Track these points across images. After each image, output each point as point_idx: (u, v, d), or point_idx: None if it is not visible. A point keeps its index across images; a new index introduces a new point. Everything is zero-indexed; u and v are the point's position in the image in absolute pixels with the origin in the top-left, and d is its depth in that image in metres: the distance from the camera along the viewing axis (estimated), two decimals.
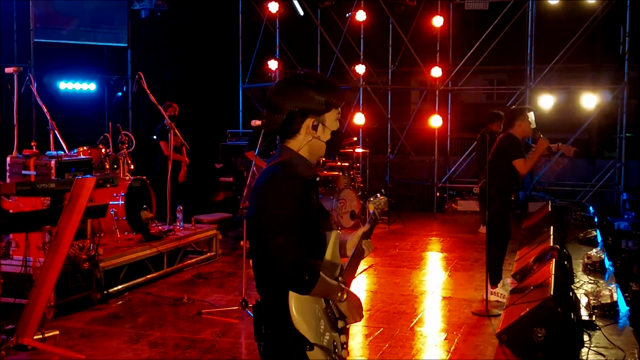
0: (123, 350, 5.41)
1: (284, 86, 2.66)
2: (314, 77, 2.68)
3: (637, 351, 5.31)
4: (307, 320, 2.54)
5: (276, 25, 14.20)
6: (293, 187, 2.54)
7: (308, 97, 2.62)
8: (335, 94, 2.68)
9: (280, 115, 2.63)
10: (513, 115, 6.87)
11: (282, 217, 2.50)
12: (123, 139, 8.51)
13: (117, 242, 7.65)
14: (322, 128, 2.68)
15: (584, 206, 12.54)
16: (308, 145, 2.68)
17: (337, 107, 2.71)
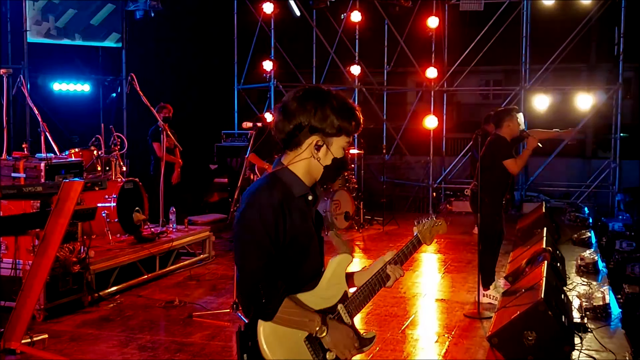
0: (112, 354, 5.38)
1: (303, 96, 2.54)
2: (337, 98, 2.56)
3: (629, 354, 5.29)
4: (276, 350, 2.40)
5: (271, 25, 14.18)
6: (267, 205, 2.42)
7: (323, 115, 2.51)
8: (352, 122, 2.57)
9: (290, 124, 2.52)
10: (501, 116, 6.87)
11: (251, 234, 2.40)
12: (115, 140, 8.48)
13: (108, 244, 7.61)
14: (325, 151, 2.56)
15: (578, 207, 12.52)
16: (306, 162, 2.56)
17: (349, 136, 2.59)
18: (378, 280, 2.67)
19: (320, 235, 2.67)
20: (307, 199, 2.58)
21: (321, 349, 2.49)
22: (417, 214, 13.58)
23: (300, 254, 2.52)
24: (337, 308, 2.58)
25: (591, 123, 16.15)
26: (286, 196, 2.48)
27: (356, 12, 14.34)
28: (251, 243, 2.40)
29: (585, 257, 8.09)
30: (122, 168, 8.50)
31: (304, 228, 2.53)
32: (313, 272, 2.57)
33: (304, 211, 2.55)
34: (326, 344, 2.49)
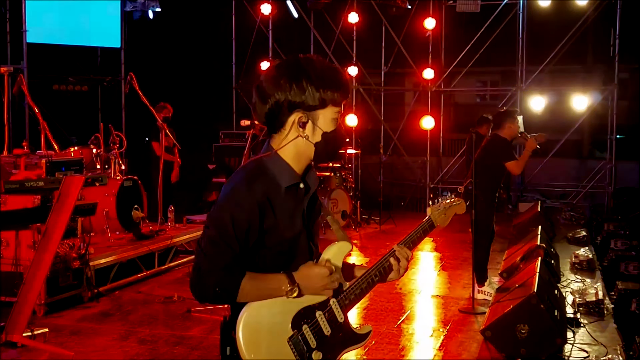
0: (112, 347, 5.46)
1: (276, 72, 2.29)
2: (312, 64, 2.29)
3: (620, 347, 5.38)
4: (253, 348, 2.21)
5: (269, 26, 14.27)
6: (243, 194, 2.22)
7: (299, 88, 2.24)
8: (335, 89, 2.29)
9: (265, 105, 2.28)
10: (503, 118, 6.96)
11: (218, 232, 2.20)
12: (114, 139, 8.57)
13: (108, 241, 7.70)
14: (312, 127, 2.30)
15: (574, 206, 12.63)
16: (293, 144, 2.30)
17: (336, 105, 2.33)
18: (379, 272, 2.44)
19: (313, 227, 2.45)
20: (298, 188, 2.36)
21: (306, 349, 2.28)
22: (414, 214, 13.68)
23: (284, 249, 2.32)
24: (329, 302, 2.36)
25: (587, 124, 16.26)
26: (270, 189, 2.26)
27: (354, 13, 14.43)
28: (215, 243, 2.20)
29: (579, 255, 8.20)
30: (121, 166, 8.59)
31: (290, 222, 2.32)
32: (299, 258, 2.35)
33: (292, 203, 2.33)
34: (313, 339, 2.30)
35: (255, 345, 2.22)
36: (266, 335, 2.24)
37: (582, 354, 5.24)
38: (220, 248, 2.19)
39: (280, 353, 2.24)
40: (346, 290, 2.40)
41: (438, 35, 14.90)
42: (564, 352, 5.25)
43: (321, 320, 2.34)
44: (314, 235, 2.45)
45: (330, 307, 2.36)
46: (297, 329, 2.28)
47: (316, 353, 2.30)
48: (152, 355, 5.30)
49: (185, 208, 10.68)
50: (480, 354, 5.37)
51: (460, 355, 5.39)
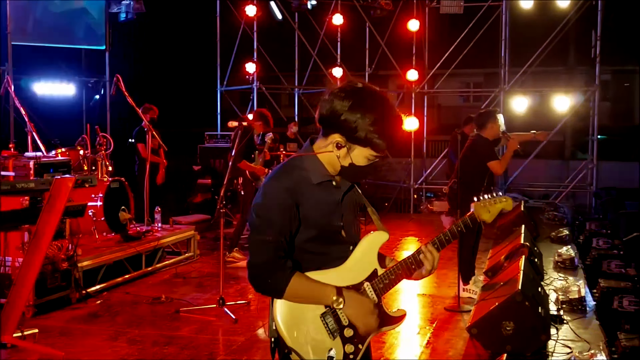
0: (102, 348, 5.49)
1: (354, 94, 2.42)
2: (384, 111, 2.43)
3: (603, 343, 5.48)
4: (289, 322, 2.41)
5: (254, 28, 14.31)
6: (281, 189, 2.41)
7: (357, 119, 2.38)
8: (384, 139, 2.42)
9: (324, 109, 2.45)
10: (485, 118, 7.06)
11: (263, 214, 2.40)
12: (101, 140, 8.57)
13: (95, 242, 7.71)
14: (346, 154, 2.45)
15: (557, 206, 12.79)
16: (328, 155, 2.48)
17: (376, 151, 2.45)
18: (413, 261, 2.61)
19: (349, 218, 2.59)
20: (331, 185, 2.52)
21: (338, 326, 2.44)
22: (398, 214, 13.78)
23: (320, 238, 2.48)
24: (363, 285, 2.53)
25: (570, 125, 16.45)
26: (300, 183, 2.44)
27: (338, 15, 14.52)
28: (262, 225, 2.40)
29: (562, 254, 8.31)
30: (108, 168, 8.60)
31: (324, 214, 2.48)
32: (338, 254, 2.53)
33: (325, 197, 2.49)
34: (345, 317, 2.45)
35: (292, 320, 2.41)
36: (301, 310, 2.42)
37: (566, 350, 5.34)
38: (268, 241, 2.39)
39: (314, 328, 2.43)
40: (381, 275, 2.57)
41: (422, 37, 15.02)
42: (548, 348, 5.34)
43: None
44: (350, 226, 2.59)
45: (363, 289, 2.53)
46: (330, 307, 2.45)
47: (348, 330, 2.46)
48: (142, 355, 5.34)
49: (171, 209, 10.69)
50: (466, 351, 5.46)
51: (446, 353, 5.48)
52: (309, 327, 2.43)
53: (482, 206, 2.74)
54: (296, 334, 2.40)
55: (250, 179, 8.57)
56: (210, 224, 11.01)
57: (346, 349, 2.45)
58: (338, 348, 2.44)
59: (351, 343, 2.46)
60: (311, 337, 2.42)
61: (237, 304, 6.59)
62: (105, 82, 12.66)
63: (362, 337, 2.48)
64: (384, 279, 2.57)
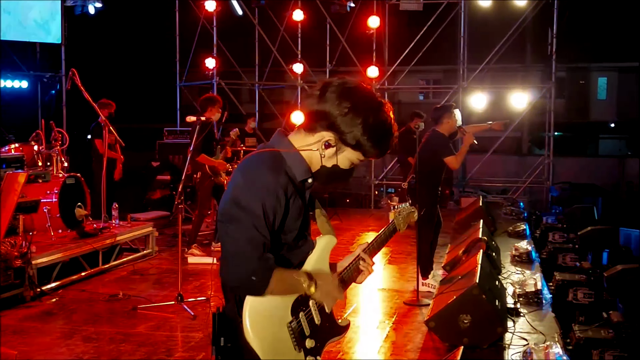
0: (56, 346, 5.39)
1: (347, 91, 2.33)
2: (379, 115, 2.34)
3: (558, 335, 5.57)
4: (260, 333, 2.25)
5: (213, 23, 14.20)
6: (272, 183, 2.27)
7: (351, 122, 2.30)
8: (376, 146, 2.35)
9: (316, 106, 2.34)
10: (441, 113, 7.11)
11: (252, 206, 2.23)
12: (56, 136, 8.41)
13: (50, 239, 7.55)
14: (332, 154, 2.37)
15: (514, 201, 12.97)
16: (311, 153, 2.37)
17: (365, 156, 2.38)
18: (354, 270, 2.56)
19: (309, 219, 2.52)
20: (307, 182, 2.42)
21: (300, 335, 2.33)
22: (359, 210, 13.82)
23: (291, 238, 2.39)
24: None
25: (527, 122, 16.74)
26: (289, 180, 2.33)
27: (298, 11, 14.50)
28: (249, 231, 2.23)
29: (519, 248, 8.42)
30: (63, 163, 8.44)
31: (297, 213, 2.38)
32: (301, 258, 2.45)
33: (301, 195, 2.40)
34: (307, 327, 2.36)
35: (262, 332, 2.26)
36: (270, 321, 2.29)
37: (522, 342, 5.40)
38: (255, 238, 2.23)
39: (282, 339, 2.30)
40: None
41: (382, 33, 15.09)
42: (504, 340, 5.41)
43: (314, 308, 2.41)
44: (309, 227, 2.51)
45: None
46: (295, 316, 2.34)
47: (309, 341, 2.36)
48: (97, 352, 5.25)
49: (129, 206, 10.56)
50: (424, 345, 5.50)
51: (405, 346, 5.51)
52: (277, 338, 2.29)
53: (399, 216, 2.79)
54: (267, 347, 2.25)
55: (209, 174, 8.48)
56: (169, 221, 10.90)
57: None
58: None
59: (312, 355, 2.37)
60: (280, 349, 2.29)
61: (196, 300, 6.53)
62: (61, 77, 12.42)
63: (319, 348, 2.40)
64: None
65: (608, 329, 5.26)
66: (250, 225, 2.22)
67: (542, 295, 6.59)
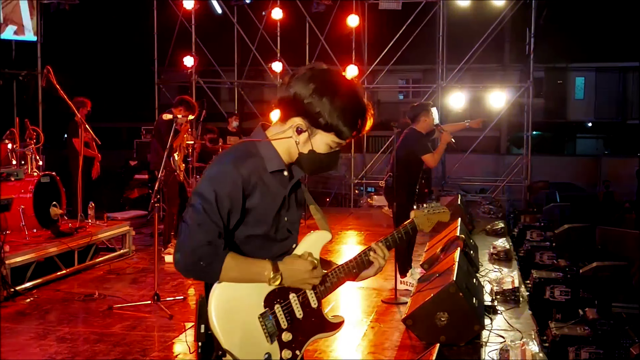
0: (29, 346, 5.31)
1: (315, 74, 2.32)
2: (348, 95, 2.31)
3: (534, 332, 5.59)
4: (225, 321, 2.25)
5: (192, 21, 14.11)
6: (230, 172, 2.26)
7: (320, 102, 2.27)
8: (349, 126, 2.31)
9: (285, 92, 2.33)
10: (418, 111, 7.15)
11: (210, 198, 2.23)
12: (31, 134, 8.30)
13: (25, 239, 7.45)
14: (306, 139, 2.33)
15: (492, 200, 13.04)
16: (285, 141, 2.35)
17: (339, 137, 2.33)
18: (357, 264, 2.50)
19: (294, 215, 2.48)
20: (282, 175, 2.38)
21: (277, 329, 2.32)
22: (339, 209, 13.82)
23: (264, 232, 2.35)
24: None
25: (505, 121, 16.83)
26: (257, 170, 2.31)
27: (277, 10, 14.45)
28: (201, 218, 2.23)
29: (497, 246, 8.45)
30: (38, 162, 8.34)
31: (272, 206, 2.35)
32: (281, 252, 2.41)
33: (276, 188, 2.36)
34: (284, 320, 2.34)
35: (228, 320, 2.26)
36: (238, 310, 2.28)
37: (499, 340, 5.41)
38: (206, 223, 2.22)
39: (251, 329, 2.28)
40: (322, 277, 2.42)
41: (361, 32, 15.10)
42: (481, 338, 5.41)
43: (294, 302, 2.37)
44: (294, 223, 2.47)
45: (304, 291, 2.40)
46: (269, 307, 2.32)
47: (286, 334, 2.34)
48: (71, 353, 5.18)
49: (106, 205, 10.46)
50: (401, 343, 5.49)
51: (382, 344, 5.49)
52: (246, 328, 2.29)
53: (422, 215, 2.70)
54: (232, 335, 2.26)
55: (174, 169, 8.43)
56: (147, 220, 10.82)
57: (283, 355, 2.33)
58: (275, 352, 2.32)
59: (289, 348, 2.35)
60: (248, 339, 2.28)
61: (173, 299, 6.48)
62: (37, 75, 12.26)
63: (300, 342, 2.37)
64: (325, 281, 2.44)
65: (584, 326, 5.29)
66: (201, 210, 2.23)
67: (519, 293, 6.62)
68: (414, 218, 2.68)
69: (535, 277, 6.91)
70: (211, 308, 2.25)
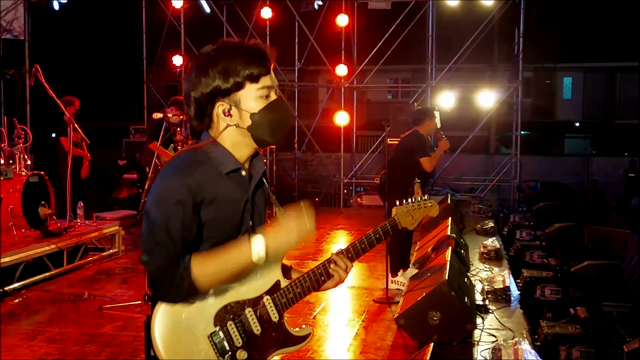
0: (18, 347, 5.25)
1: (188, 71, 2.18)
2: (216, 50, 2.16)
3: (526, 331, 5.61)
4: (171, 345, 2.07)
5: (181, 20, 14.06)
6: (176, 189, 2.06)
7: (207, 77, 2.11)
8: (243, 66, 2.12)
9: (191, 106, 2.16)
10: (423, 115, 7.26)
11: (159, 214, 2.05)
12: (19, 133, 8.23)
13: (13, 239, 7.38)
14: (237, 111, 2.15)
15: (482, 199, 13.07)
16: (226, 135, 2.17)
17: (255, 82, 2.14)
18: (324, 271, 2.30)
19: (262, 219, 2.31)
20: (240, 176, 2.21)
21: (229, 347, 2.14)
22: (329, 209, 13.80)
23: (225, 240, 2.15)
24: (263, 300, 2.20)
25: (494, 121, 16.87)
26: (207, 177, 2.12)
27: (267, 9, 14.42)
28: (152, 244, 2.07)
29: (487, 245, 8.48)
30: (26, 161, 8.27)
31: (232, 212, 2.18)
32: None
33: (233, 192, 2.18)
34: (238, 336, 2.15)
35: (173, 343, 2.08)
36: (185, 331, 2.10)
37: (491, 339, 5.42)
38: (156, 250, 2.06)
39: (200, 351, 2.11)
40: (284, 288, 2.23)
41: (350, 32, 15.09)
42: (473, 337, 5.41)
43: (250, 317, 2.19)
44: (259, 227, 2.28)
45: (263, 304, 2.20)
46: (220, 325, 2.14)
47: (241, 352, 2.15)
48: (61, 354, 5.13)
49: (95, 205, 10.40)
50: (394, 342, 5.48)
51: (374, 344, 5.48)
52: (194, 350, 2.10)
53: (404, 211, 2.45)
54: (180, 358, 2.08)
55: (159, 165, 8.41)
56: (137, 220, 10.76)
57: None
58: None
59: None
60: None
61: None
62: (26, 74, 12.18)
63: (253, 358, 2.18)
64: (287, 292, 2.23)
65: (575, 324, 5.30)
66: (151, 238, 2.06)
67: (510, 292, 6.63)
68: (394, 215, 2.45)
69: (526, 276, 6.93)
70: (154, 332, 2.06)
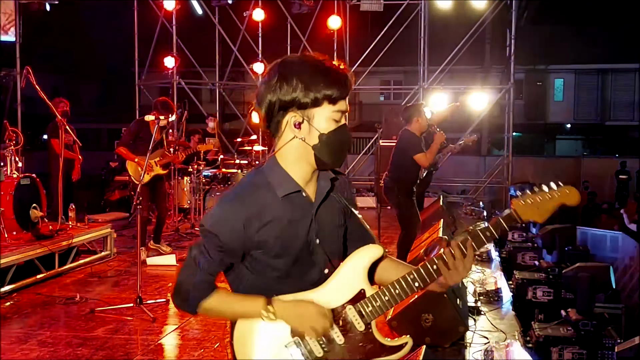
0: (10, 351, 5.23)
1: (268, 73, 2.16)
2: (304, 61, 2.14)
3: (518, 333, 5.62)
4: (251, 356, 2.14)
5: (173, 22, 14.04)
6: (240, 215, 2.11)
7: (290, 86, 2.09)
8: (328, 86, 2.10)
9: (262, 108, 2.16)
10: (411, 112, 7.24)
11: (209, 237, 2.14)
12: (10, 135, 8.19)
13: (4, 241, 7.34)
14: (308, 127, 2.12)
15: (474, 201, 13.10)
16: (291, 147, 2.15)
17: (332, 103, 2.12)
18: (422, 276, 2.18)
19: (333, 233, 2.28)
20: (301, 197, 2.18)
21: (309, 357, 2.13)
22: None
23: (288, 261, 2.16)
24: (345, 309, 2.15)
25: (486, 123, 16.92)
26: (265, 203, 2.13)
27: (259, 10, 14.42)
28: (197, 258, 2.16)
29: None
30: (17, 164, 8.22)
31: (292, 234, 2.15)
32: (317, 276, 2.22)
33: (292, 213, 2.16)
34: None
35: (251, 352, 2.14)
36: (263, 342, 2.14)
37: (483, 341, 5.43)
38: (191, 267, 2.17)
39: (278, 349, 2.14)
40: (370, 296, 2.16)
41: (343, 33, 15.11)
42: (466, 339, 5.42)
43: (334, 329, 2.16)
44: (329, 243, 2.25)
45: (345, 313, 2.16)
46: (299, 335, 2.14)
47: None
48: (53, 357, 5.11)
49: (87, 207, 10.37)
50: None
51: None
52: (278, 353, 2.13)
53: (528, 204, 2.19)
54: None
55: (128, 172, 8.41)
56: (129, 222, 10.74)
57: None
58: None
59: None
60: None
61: (155, 302, 6.42)
62: (16, 75, 12.13)
63: None
64: (374, 300, 2.15)
65: (567, 326, 5.33)
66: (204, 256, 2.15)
67: (502, 293, 6.65)
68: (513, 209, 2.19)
69: (518, 277, 6.95)
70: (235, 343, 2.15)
